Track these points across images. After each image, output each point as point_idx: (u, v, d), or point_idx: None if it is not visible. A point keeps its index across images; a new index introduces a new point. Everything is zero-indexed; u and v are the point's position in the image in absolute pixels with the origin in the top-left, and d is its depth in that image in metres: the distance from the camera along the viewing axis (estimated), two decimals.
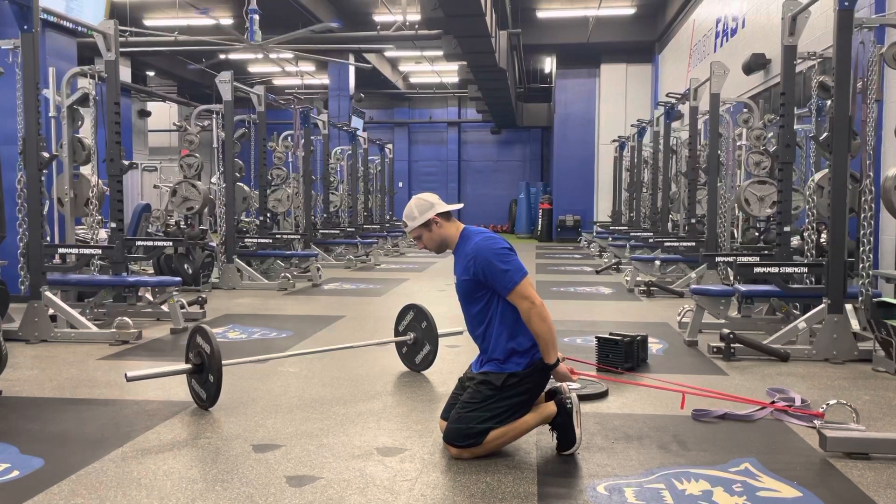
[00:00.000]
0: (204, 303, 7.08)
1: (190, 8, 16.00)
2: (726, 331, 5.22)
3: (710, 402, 4.05)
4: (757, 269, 5.63)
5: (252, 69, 22.70)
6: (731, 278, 7.35)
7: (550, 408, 3.23)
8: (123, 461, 3.12)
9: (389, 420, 3.74)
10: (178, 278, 6.83)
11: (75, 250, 6.53)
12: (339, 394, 4.23)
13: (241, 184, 10.39)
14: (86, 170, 7.09)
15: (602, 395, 4.18)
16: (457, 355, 5.25)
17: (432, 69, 22.66)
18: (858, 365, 4.97)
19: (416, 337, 4.74)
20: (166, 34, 15.38)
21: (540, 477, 2.97)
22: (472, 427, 3.11)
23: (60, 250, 6.58)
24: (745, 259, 6.42)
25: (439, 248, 3.41)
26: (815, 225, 5.94)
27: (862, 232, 5.09)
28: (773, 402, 3.92)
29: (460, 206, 3.52)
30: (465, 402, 3.20)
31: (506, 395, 3.17)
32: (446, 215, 3.35)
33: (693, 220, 9.55)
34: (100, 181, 7.05)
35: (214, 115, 9.99)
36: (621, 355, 4.78)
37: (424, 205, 3.33)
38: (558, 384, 3.37)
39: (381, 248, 14.85)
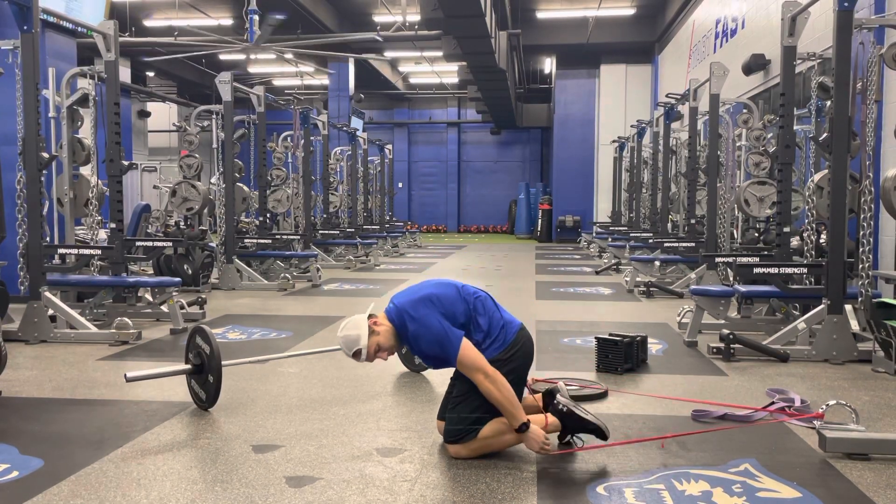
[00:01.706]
0: (203, 303, 7.08)
1: (190, 8, 16.02)
2: (726, 331, 5.23)
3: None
4: (756, 270, 5.63)
5: (252, 69, 22.71)
6: (731, 279, 7.35)
7: (551, 419, 3.21)
8: (123, 461, 3.12)
9: (389, 420, 3.74)
10: (178, 279, 6.82)
11: (75, 251, 6.53)
12: (339, 394, 4.23)
13: (240, 184, 10.39)
14: (85, 170, 7.09)
15: (601, 396, 4.17)
16: None
17: (432, 70, 22.66)
18: (858, 366, 4.97)
19: None
20: (166, 37, 15.40)
21: (540, 477, 2.97)
22: (465, 418, 3.10)
23: (60, 251, 6.58)
24: (744, 260, 6.42)
25: (396, 345, 3.23)
26: (814, 225, 5.94)
27: (861, 232, 5.09)
28: (772, 404, 3.92)
29: (372, 305, 3.35)
30: (454, 396, 3.21)
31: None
32: (371, 315, 3.24)
33: (693, 221, 9.55)
34: (99, 182, 7.05)
35: (214, 116, 9.99)
36: (621, 356, 4.78)
37: (350, 323, 3.19)
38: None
39: (380, 249, 14.84)
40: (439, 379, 4.58)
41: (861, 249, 5.09)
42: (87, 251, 6.51)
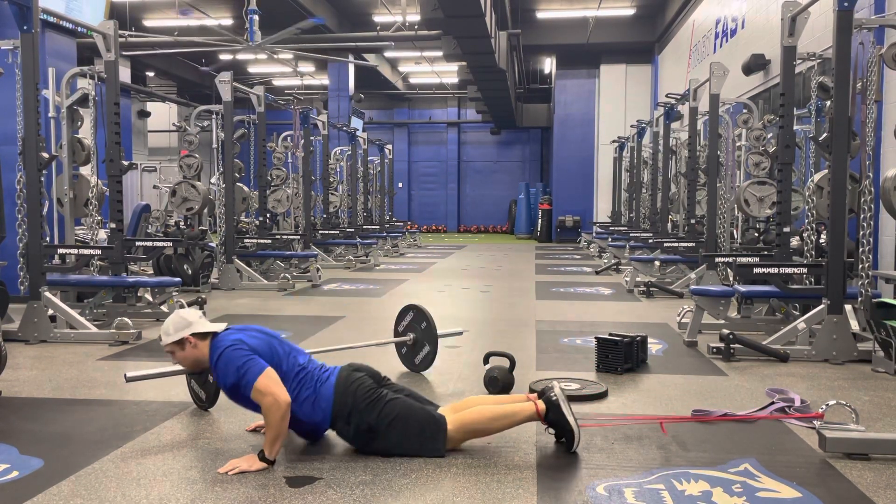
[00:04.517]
0: (203, 303, 7.07)
1: (190, 8, 16.02)
2: (726, 331, 5.22)
3: (709, 402, 4.06)
4: (756, 270, 5.63)
5: (251, 69, 22.70)
6: (731, 279, 7.35)
7: (539, 405, 3.21)
8: (123, 461, 3.12)
9: None
10: (178, 279, 6.83)
11: (75, 251, 6.53)
12: None
13: (240, 184, 10.39)
14: (85, 170, 7.09)
15: (601, 396, 4.17)
16: (457, 356, 5.25)
17: (432, 69, 22.66)
18: (858, 365, 4.97)
19: (416, 337, 4.74)
20: (166, 36, 15.40)
21: (540, 477, 2.97)
22: (423, 444, 3.13)
23: (60, 251, 6.58)
24: (744, 260, 6.42)
25: (193, 367, 3.31)
26: (814, 225, 5.94)
27: (861, 232, 5.09)
28: (772, 405, 3.92)
29: (222, 326, 3.32)
30: (383, 452, 3.15)
31: (383, 416, 3.13)
32: (203, 335, 3.24)
33: (693, 221, 9.55)
34: (99, 182, 7.06)
35: (214, 116, 9.99)
36: (621, 356, 4.77)
37: (181, 322, 3.22)
38: (550, 383, 3.39)
39: (380, 249, 14.85)
40: (439, 379, 4.59)
41: (861, 249, 5.09)
42: (86, 251, 6.51)
